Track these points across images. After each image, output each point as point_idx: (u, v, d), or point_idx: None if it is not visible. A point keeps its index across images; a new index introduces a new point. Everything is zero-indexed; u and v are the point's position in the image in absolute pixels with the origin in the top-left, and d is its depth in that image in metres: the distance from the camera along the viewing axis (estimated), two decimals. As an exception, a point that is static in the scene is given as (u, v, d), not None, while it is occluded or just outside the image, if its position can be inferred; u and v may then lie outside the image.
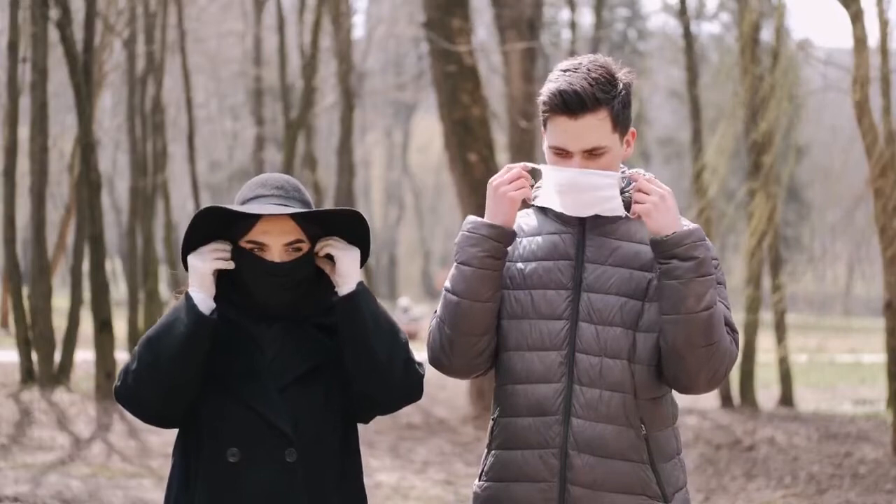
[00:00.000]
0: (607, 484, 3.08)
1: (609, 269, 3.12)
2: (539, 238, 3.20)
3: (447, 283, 3.16)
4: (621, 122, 3.11)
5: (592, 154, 3.09)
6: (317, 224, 3.14)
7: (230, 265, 3.10)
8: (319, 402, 3.10)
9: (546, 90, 3.11)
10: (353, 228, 3.16)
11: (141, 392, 3.04)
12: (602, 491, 3.08)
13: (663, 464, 3.14)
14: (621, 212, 3.13)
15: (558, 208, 3.17)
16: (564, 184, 3.11)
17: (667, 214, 3.04)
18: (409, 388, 3.10)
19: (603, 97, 3.06)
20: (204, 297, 3.06)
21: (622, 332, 3.09)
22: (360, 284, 3.09)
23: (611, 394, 3.08)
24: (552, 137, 3.12)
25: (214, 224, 3.11)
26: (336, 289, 3.11)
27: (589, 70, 3.09)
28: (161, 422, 3.12)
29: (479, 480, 3.24)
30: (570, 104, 3.05)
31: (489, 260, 3.09)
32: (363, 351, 3.05)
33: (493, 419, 3.24)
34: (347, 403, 3.14)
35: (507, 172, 3.14)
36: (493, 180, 3.14)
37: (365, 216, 3.19)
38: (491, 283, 3.10)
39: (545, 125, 3.13)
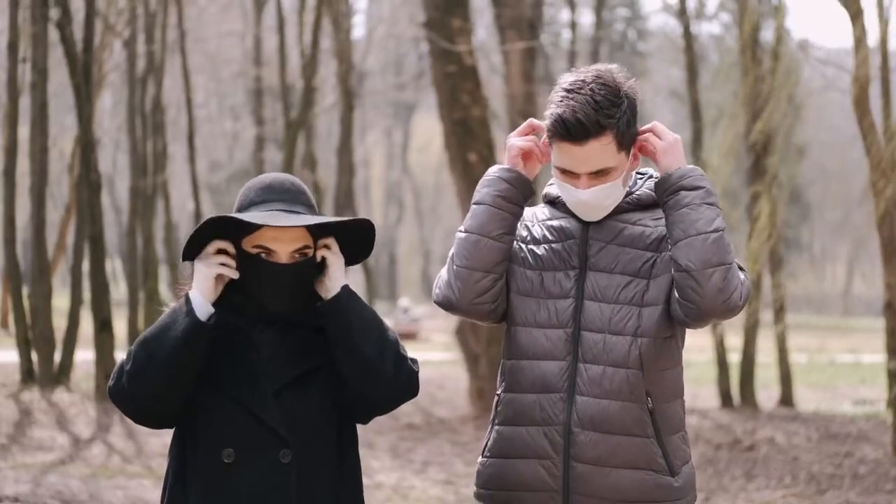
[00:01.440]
0: (612, 460, 3.11)
1: (614, 247, 3.19)
2: (550, 222, 3.27)
3: (461, 226, 3.25)
4: (626, 141, 3.15)
5: (599, 174, 3.15)
6: (321, 227, 3.16)
7: (235, 274, 3.10)
8: (315, 403, 3.11)
9: (549, 115, 3.12)
10: (357, 231, 3.19)
11: (133, 391, 3.04)
12: (607, 467, 3.11)
13: (670, 437, 3.17)
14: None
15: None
16: (574, 201, 3.20)
17: (679, 155, 3.18)
18: (401, 385, 3.10)
19: (607, 122, 3.08)
20: (203, 302, 3.06)
21: (627, 309, 3.14)
22: (345, 287, 3.11)
23: (614, 369, 3.11)
24: (558, 160, 3.17)
25: (219, 226, 3.12)
26: (323, 293, 3.13)
27: (593, 91, 3.09)
28: (151, 422, 3.12)
29: (483, 456, 3.27)
30: (573, 133, 3.08)
31: (500, 200, 3.18)
32: (351, 351, 3.06)
33: (498, 394, 3.27)
34: (344, 405, 3.15)
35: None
36: (509, 136, 3.27)
37: (367, 218, 3.22)
38: (500, 220, 3.18)
39: (550, 144, 3.17)
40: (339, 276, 3.12)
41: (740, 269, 3.13)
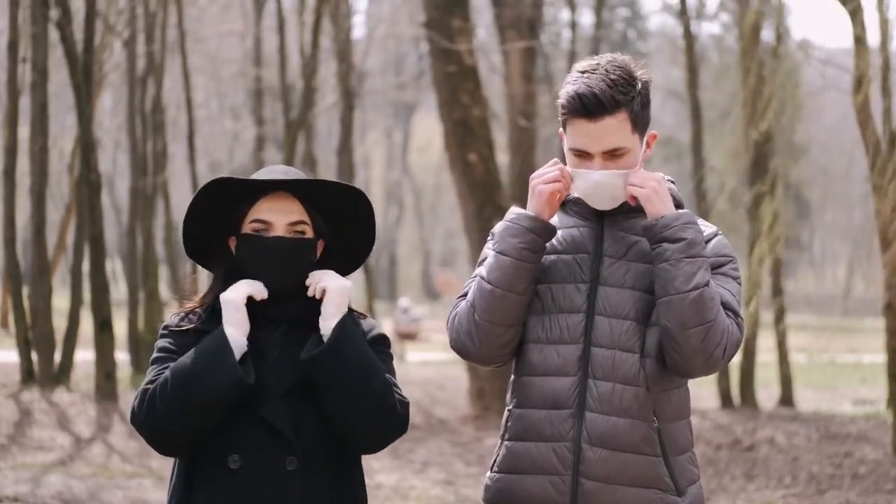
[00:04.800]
0: (620, 477, 3.10)
1: (626, 263, 3.15)
2: (559, 232, 3.22)
3: (482, 271, 3.16)
4: (641, 123, 3.14)
5: (613, 155, 3.12)
6: (321, 213, 3.16)
7: (264, 294, 3.09)
8: (320, 410, 3.08)
9: (564, 93, 3.12)
10: (356, 211, 3.18)
11: (165, 430, 3.03)
12: (615, 484, 3.10)
13: (676, 457, 3.17)
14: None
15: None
16: (587, 185, 3.14)
17: (664, 199, 3.12)
18: (386, 432, 3.08)
19: (622, 99, 3.08)
20: (242, 344, 3.04)
21: (634, 326, 3.12)
22: (335, 331, 3.05)
23: (623, 387, 3.10)
24: (572, 140, 3.14)
25: (218, 210, 3.13)
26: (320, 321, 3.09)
27: (607, 71, 3.10)
28: (171, 453, 3.12)
29: (491, 472, 3.26)
30: (588, 107, 3.07)
31: (527, 252, 3.11)
32: (328, 402, 3.05)
33: (508, 409, 3.25)
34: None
35: (547, 168, 3.18)
36: (533, 176, 3.18)
37: (358, 188, 3.20)
38: (526, 275, 3.12)
39: (564, 127, 3.15)
40: (336, 306, 3.08)
41: (734, 313, 3.11)
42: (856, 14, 10.41)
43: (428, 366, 23.68)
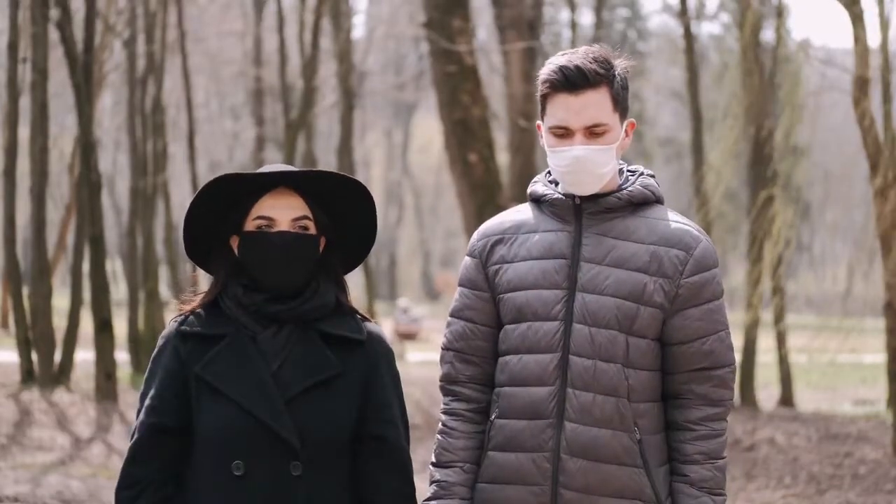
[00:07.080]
0: (600, 488, 3.06)
1: (605, 269, 3.09)
2: (535, 236, 3.16)
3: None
4: (621, 103, 3.12)
5: (593, 132, 3.08)
6: (324, 211, 3.13)
7: None
8: (325, 415, 3.06)
9: (546, 70, 3.12)
10: (358, 205, 3.16)
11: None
12: (595, 495, 3.06)
13: (658, 468, 3.11)
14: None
15: (562, 188, 3.16)
16: (568, 163, 3.10)
17: None
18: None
19: (603, 73, 3.08)
20: None
21: (616, 335, 3.06)
22: None
23: (604, 398, 3.05)
24: (553, 117, 3.11)
25: (220, 208, 3.10)
26: None
27: (587, 52, 3.12)
28: None
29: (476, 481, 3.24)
30: (570, 79, 3.06)
31: None
32: None
33: (490, 420, 3.20)
34: (356, 418, 3.12)
35: None
36: None
37: (359, 181, 3.19)
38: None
39: (544, 108, 3.12)
40: None
41: (727, 365, 3.15)
42: (856, 14, 10.40)
43: (428, 366, 23.66)
